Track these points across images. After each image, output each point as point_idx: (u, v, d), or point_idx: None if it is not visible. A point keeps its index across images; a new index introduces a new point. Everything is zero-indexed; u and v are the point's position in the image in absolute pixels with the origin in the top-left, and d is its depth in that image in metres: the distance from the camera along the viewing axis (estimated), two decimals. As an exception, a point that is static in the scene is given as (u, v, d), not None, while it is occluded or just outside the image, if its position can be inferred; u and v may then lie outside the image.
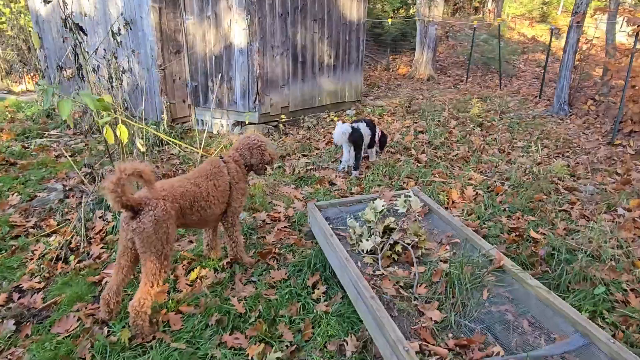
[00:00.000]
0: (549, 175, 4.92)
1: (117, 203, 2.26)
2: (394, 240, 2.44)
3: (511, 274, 2.24)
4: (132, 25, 6.62)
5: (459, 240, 2.60)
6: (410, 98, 9.68)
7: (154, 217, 2.38)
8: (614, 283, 2.99)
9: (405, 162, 5.31)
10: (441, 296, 2.12)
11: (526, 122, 7.40)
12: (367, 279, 2.21)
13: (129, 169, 2.23)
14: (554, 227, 3.82)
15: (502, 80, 12.51)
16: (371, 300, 1.95)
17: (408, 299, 2.11)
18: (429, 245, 2.56)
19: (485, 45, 15.97)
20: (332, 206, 3.09)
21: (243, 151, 3.07)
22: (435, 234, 2.80)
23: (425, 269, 2.34)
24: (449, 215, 2.85)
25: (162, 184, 2.61)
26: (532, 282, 2.12)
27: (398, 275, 2.28)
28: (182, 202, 2.60)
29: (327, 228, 2.66)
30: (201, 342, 2.45)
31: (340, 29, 7.62)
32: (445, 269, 2.23)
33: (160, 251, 2.44)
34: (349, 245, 2.64)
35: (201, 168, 2.90)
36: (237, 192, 3.00)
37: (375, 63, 17.09)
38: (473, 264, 2.26)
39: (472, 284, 2.16)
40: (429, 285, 2.21)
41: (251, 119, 6.43)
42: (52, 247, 3.45)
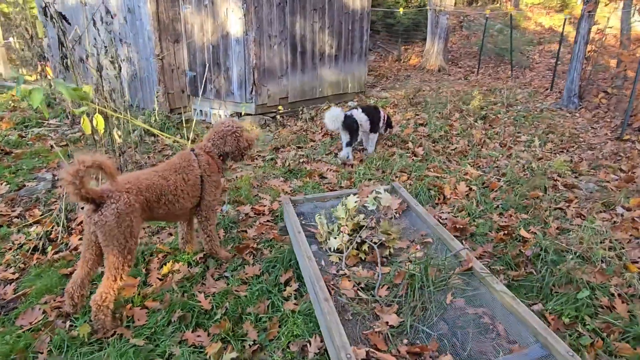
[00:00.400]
0: (548, 171, 4.74)
1: (75, 195, 2.21)
2: (361, 238, 2.34)
3: (479, 278, 2.12)
4: (131, 14, 6.59)
5: (432, 240, 2.49)
6: (417, 90, 9.47)
7: (117, 210, 2.33)
8: (602, 287, 2.84)
9: (400, 155, 5.17)
10: (402, 299, 2.02)
11: (533, 116, 7.16)
12: (328, 279, 2.12)
13: (87, 161, 2.17)
14: (546, 226, 3.66)
15: (515, 71, 12.16)
16: (324, 303, 1.86)
17: (367, 301, 2.01)
18: (399, 245, 2.46)
19: (500, 36, 15.57)
20: (308, 201, 3.00)
21: (216, 140, 2.98)
22: (410, 233, 2.69)
23: (390, 269, 2.24)
24: (426, 213, 2.73)
25: (127, 177, 2.55)
26: (498, 287, 2.00)
27: (361, 275, 2.19)
28: (147, 195, 2.54)
29: (296, 224, 2.57)
30: (162, 339, 2.40)
31: (342, 19, 7.46)
32: (410, 270, 2.12)
33: (123, 245, 2.38)
34: (318, 243, 2.55)
35: (171, 161, 2.84)
36: (210, 185, 2.93)
37: (387, 54, 16.82)
38: (438, 265, 2.15)
39: (436, 287, 2.05)
40: (392, 287, 2.11)
41: (248, 110, 6.35)
42: (31, 237, 3.44)
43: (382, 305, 2.01)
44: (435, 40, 13.54)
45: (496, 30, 15.76)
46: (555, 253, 3.15)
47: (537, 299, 2.80)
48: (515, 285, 2.92)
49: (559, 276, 2.90)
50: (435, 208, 4.02)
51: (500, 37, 15.20)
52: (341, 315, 1.83)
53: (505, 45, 14.21)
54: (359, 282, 2.13)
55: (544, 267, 3.00)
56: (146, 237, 3.50)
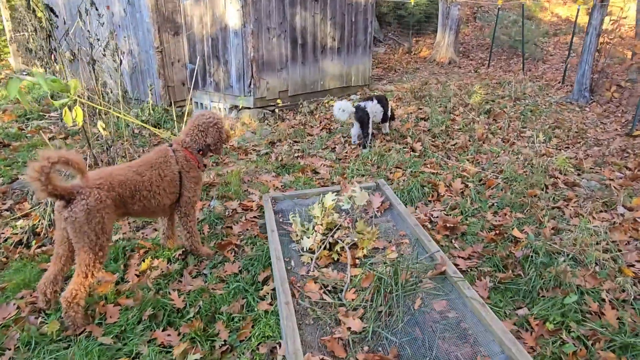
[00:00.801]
0: (550, 168, 4.57)
1: (41, 192, 2.17)
2: (333, 239, 2.26)
3: (452, 282, 2.02)
4: (131, 6, 6.56)
5: (408, 241, 2.39)
6: (424, 83, 9.29)
7: (87, 206, 2.29)
8: (593, 291, 2.72)
9: (397, 150, 5.06)
10: (368, 303, 1.94)
11: (541, 110, 6.94)
12: (295, 280, 2.05)
13: (53, 157, 2.13)
14: (541, 226, 3.52)
15: (528, 64, 11.86)
16: (284, 306, 1.79)
17: (331, 305, 1.94)
18: (375, 245, 2.37)
19: (514, 27, 15.16)
20: (288, 198, 2.93)
21: (195, 134, 2.92)
22: (391, 232, 2.60)
23: (360, 271, 2.15)
24: (406, 213, 2.63)
25: (100, 172, 2.51)
26: (468, 293, 1.90)
27: (330, 277, 2.11)
28: (120, 191, 2.49)
29: (271, 222, 2.50)
30: (130, 338, 2.37)
31: (345, 10, 7.31)
32: (379, 272, 2.04)
33: (94, 242, 2.35)
34: (293, 242, 2.47)
35: (147, 156, 2.79)
36: (188, 181, 2.88)
37: (397, 46, 16.56)
38: (410, 268, 2.05)
39: (405, 291, 1.97)
40: (359, 291, 2.03)
41: (246, 103, 6.29)
42: (17, 231, 3.44)
43: (348, 310, 1.93)
44: (445, 32, 13.27)
45: (511, 21, 15.35)
46: (547, 255, 3.03)
47: (524, 303, 2.70)
48: (502, 288, 2.81)
49: (548, 279, 2.78)
50: (427, 205, 3.91)
51: (514, 28, 14.80)
52: (302, 319, 1.75)
53: (519, 36, 13.85)
54: (326, 285, 2.05)
55: (533, 269, 2.88)
56: (130, 232, 3.48)
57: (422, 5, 17.16)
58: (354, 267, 2.23)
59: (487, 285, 2.78)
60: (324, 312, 1.88)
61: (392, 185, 4.17)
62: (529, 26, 15.51)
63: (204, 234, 3.43)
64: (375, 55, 14.95)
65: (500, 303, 2.67)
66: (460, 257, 3.16)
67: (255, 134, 5.80)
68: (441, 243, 3.33)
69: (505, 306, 2.66)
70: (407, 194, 3.98)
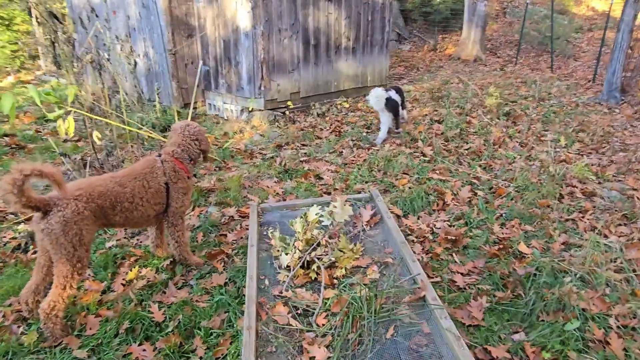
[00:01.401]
0: (568, 176, 4.30)
1: (15, 204, 2.16)
2: (310, 257, 2.15)
3: (430, 309, 1.88)
4: (145, 9, 6.62)
5: (391, 260, 2.25)
6: (444, 82, 9.01)
7: (63, 218, 2.27)
8: (599, 317, 2.50)
9: (405, 155, 4.88)
10: (337, 330, 1.82)
11: (566, 111, 6.58)
12: (265, 302, 1.95)
13: (26, 170, 2.11)
14: (550, 240, 3.30)
15: (558, 61, 11.34)
16: (245, 331, 1.70)
17: (299, 330, 1.83)
18: (357, 264, 2.24)
19: (545, 23, 14.53)
20: (278, 209, 2.83)
21: (187, 144, 2.88)
22: (376, 249, 2.46)
23: (335, 294, 2.03)
24: (395, 228, 2.49)
25: (80, 183, 2.48)
26: (445, 324, 1.75)
27: (303, 298, 2.00)
28: (100, 202, 2.46)
29: (252, 235, 2.42)
30: (106, 351, 2.33)
31: (360, 9, 7.15)
32: (352, 296, 1.91)
33: (71, 253, 2.32)
34: (273, 258, 2.38)
35: (132, 167, 2.76)
36: (176, 192, 2.83)
37: (423, 43, 16.19)
38: (384, 293, 1.92)
39: (379, 318, 1.84)
40: (330, 316, 1.91)
41: (256, 105, 6.23)
42: (17, 235, 3.49)
43: (316, 336, 1.82)
44: (471, 29, 12.85)
45: (541, 16, 14.73)
46: (551, 274, 2.81)
47: (521, 327, 2.51)
48: (499, 309, 2.63)
49: (551, 301, 2.58)
50: (431, 215, 3.74)
51: (545, 24, 14.20)
52: (264, 346, 1.66)
53: (550, 32, 13.27)
54: (297, 307, 1.94)
55: (535, 289, 2.68)
56: (125, 239, 3.47)
57: (449, 1, 16.71)
58: (332, 287, 2.11)
59: (483, 306, 2.60)
60: (290, 339, 1.78)
61: (393, 194, 4.02)
62: (562, 21, 14.84)
63: (197, 242, 3.38)
64: (399, 53, 14.65)
65: (496, 326, 2.50)
66: (459, 272, 2.99)
67: (264, 136, 5.74)
68: (441, 257, 3.17)
69: (501, 330, 2.48)
70: (409, 203, 3.82)
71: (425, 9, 16.93)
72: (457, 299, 2.72)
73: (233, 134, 5.88)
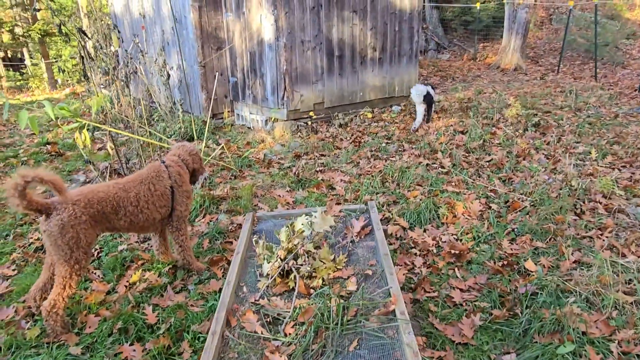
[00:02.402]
0: (592, 190, 4.07)
1: (17, 207, 2.33)
2: (288, 266, 2.16)
3: (399, 323, 1.84)
4: (178, 24, 6.94)
5: (371, 272, 2.23)
6: (478, 92, 8.79)
7: (60, 221, 2.43)
8: (600, 341, 2.35)
9: (421, 166, 4.80)
10: (302, 339, 1.82)
11: (603, 123, 6.23)
12: (237, 308, 1.99)
13: (28, 176, 2.28)
14: (561, 258, 3.13)
15: (604, 69, 10.77)
16: (210, 336, 1.74)
17: (264, 339, 1.85)
18: (338, 275, 2.24)
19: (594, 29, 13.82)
20: (273, 218, 2.88)
21: (184, 156, 3.03)
22: (362, 261, 2.44)
23: (306, 303, 2.04)
24: (381, 240, 2.46)
25: (82, 189, 2.64)
26: (406, 339, 1.71)
27: (276, 307, 2.02)
28: (100, 207, 2.60)
29: (240, 243, 2.47)
30: (99, 350, 2.45)
31: (387, 20, 7.14)
32: (319, 306, 1.91)
33: (68, 255, 2.47)
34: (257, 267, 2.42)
35: (138, 173, 2.90)
36: (180, 196, 2.95)
37: (463, 52, 15.88)
38: (352, 304, 1.90)
39: (345, 329, 1.82)
40: (298, 325, 1.92)
41: (279, 116, 6.35)
42: (41, 236, 3.74)
43: (282, 345, 1.83)
44: (512, 37, 12.47)
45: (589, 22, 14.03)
46: (554, 293, 2.68)
47: (514, 348, 2.40)
48: (493, 328, 2.53)
49: (548, 321, 2.45)
50: (438, 228, 3.66)
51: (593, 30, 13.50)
52: (225, 352, 1.69)
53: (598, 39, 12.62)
54: (268, 315, 1.97)
55: (533, 308, 2.56)
56: (136, 243, 3.63)
57: (490, 9, 16.31)
58: (308, 297, 2.12)
59: (474, 324, 2.52)
60: (254, 346, 1.80)
61: (402, 205, 3.96)
62: (612, 27, 14.08)
63: (202, 248, 3.49)
64: (437, 63, 14.44)
65: (486, 345, 2.41)
66: (459, 288, 2.91)
67: (284, 146, 5.83)
68: (442, 271, 3.10)
69: (491, 350, 2.39)
70: (417, 216, 3.75)
71: (466, 17, 16.60)
72: (450, 315, 2.65)
73: (256, 144, 6.02)
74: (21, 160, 5.68)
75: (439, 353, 2.31)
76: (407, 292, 2.82)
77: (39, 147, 6.19)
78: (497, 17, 15.95)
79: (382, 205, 4.01)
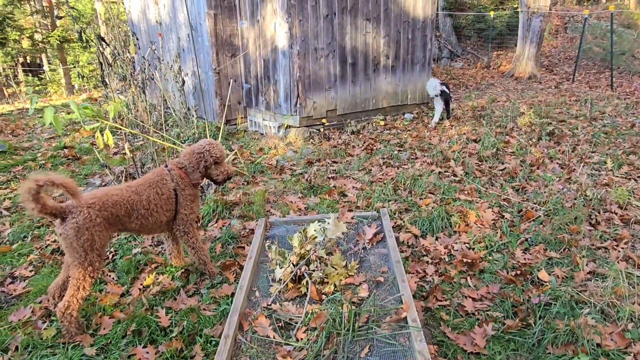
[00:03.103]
0: (607, 201, 4.02)
1: (32, 210, 2.38)
2: (300, 271, 2.18)
3: (411, 330, 1.84)
4: (194, 31, 7.05)
5: (382, 279, 2.23)
6: (491, 100, 8.76)
7: (75, 224, 2.48)
8: (616, 354, 2.32)
9: (431, 174, 4.79)
10: (314, 345, 1.83)
11: (619, 132, 6.16)
12: (250, 312, 2.01)
13: (41, 180, 2.33)
14: (576, 269, 3.10)
15: (620, 78, 10.64)
16: (222, 340, 1.76)
17: (276, 343, 1.86)
18: (350, 281, 2.25)
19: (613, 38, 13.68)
20: (285, 224, 2.90)
21: (186, 159, 3.00)
22: (374, 267, 2.45)
23: (318, 308, 2.05)
24: (393, 247, 2.47)
25: (96, 192, 2.69)
26: (418, 346, 1.71)
27: (288, 312, 2.04)
28: (114, 210, 2.65)
29: (253, 248, 2.50)
30: (113, 351, 2.49)
31: (400, 28, 7.17)
32: (332, 312, 1.92)
33: (83, 257, 2.52)
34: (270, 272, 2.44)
35: (145, 176, 2.95)
36: (183, 199, 2.98)
37: (476, 60, 15.84)
38: (363, 311, 1.91)
39: (356, 336, 1.83)
40: (309, 331, 1.93)
41: (292, 122, 6.40)
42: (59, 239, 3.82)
43: (293, 350, 1.84)
44: (526, 45, 12.41)
45: (605, 31, 13.91)
46: (568, 304, 2.65)
47: (527, 358, 2.38)
48: (506, 338, 2.51)
49: (562, 332, 2.43)
50: (451, 237, 3.64)
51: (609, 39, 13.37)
52: (236, 356, 1.71)
53: (615, 48, 12.48)
54: (280, 320, 1.98)
55: (547, 319, 2.54)
56: (150, 247, 3.68)
57: (504, 16, 16.26)
58: (319, 303, 2.13)
59: (487, 334, 2.50)
60: (266, 351, 1.82)
61: (413, 213, 3.96)
62: (628, 36, 13.92)
63: (215, 253, 3.52)
64: (450, 71, 14.41)
65: (499, 355, 2.39)
66: (471, 297, 2.89)
67: (297, 152, 5.87)
68: (454, 279, 3.09)
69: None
70: (429, 223, 3.74)
71: (479, 25, 16.57)
72: (462, 324, 2.63)
73: (268, 150, 6.06)
74: (39, 163, 5.80)
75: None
76: (419, 300, 2.81)
77: (56, 150, 6.32)
78: (511, 25, 15.90)
79: (394, 212, 4.01)
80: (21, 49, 17.83)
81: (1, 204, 4.61)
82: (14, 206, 4.58)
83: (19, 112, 10.23)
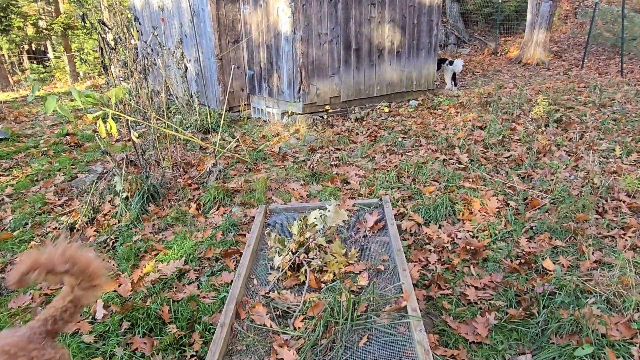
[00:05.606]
0: (616, 189, 3.94)
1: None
2: (299, 259, 2.14)
3: (411, 320, 1.80)
4: (196, 17, 6.95)
5: (383, 267, 2.19)
6: (498, 87, 8.62)
7: None
8: (621, 344, 2.27)
9: (435, 162, 4.72)
10: (311, 334, 1.79)
11: (629, 119, 6.03)
12: (247, 300, 1.98)
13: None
14: (581, 258, 3.04)
15: (631, 65, 10.43)
16: (218, 328, 1.73)
17: (273, 332, 1.83)
18: (350, 269, 2.20)
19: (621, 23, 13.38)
20: (285, 211, 2.86)
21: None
22: (375, 255, 2.40)
23: (316, 297, 2.01)
24: (394, 235, 2.42)
25: None
26: (417, 336, 1.67)
27: (285, 300, 2.00)
28: None
29: (252, 236, 2.46)
30: (111, 338, 2.48)
31: (405, 12, 7.02)
32: (330, 301, 1.88)
33: None
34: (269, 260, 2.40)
35: None
36: None
37: (483, 46, 15.59)
38: (363, 300, 1.87)
39: (355, 325, 1.79)
40: (307, 319, 1.89)
41: (295, 109, 6.32)
42: (59, 225, 3.81)
43: (291, 339, 1.81)
44: (534, 31, 12.17)
45: (616, 16, 13.59)
46: (572, 293, 2.59)
47: (529, 348, 2.34)
48: (508, 327, 2.47)
49: (566, 322, 2.38)
50: (454, 225, 3.59)
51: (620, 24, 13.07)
52: (233, 344, 1.68)
53: (626, 33, 12.20)
54: (277, 308, 1.95)
55: (551, 309, 2.49)
56: (151, 234, 3.66)
57: (514, 0, 15.94)
58: (319, 291, 2.10)
59: (489, 323, 2.46)
60: (262, 339, 1.79)
61: (417, 201, 3.90)
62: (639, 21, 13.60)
63: (216, 240, 3.49)
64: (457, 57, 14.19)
65: (501, 345, 2.35)
66: (474, 285, 2.85)
67: (300, 139, 5.81)
68: (457, 268, 3.04)
69: (506, 350, 2.33)
70: (432, 211, 3.69)
71: (487, 9, 16.27)
72: (464, 313, 2.59)
73: (271, 137, 6.01)
74: (41, 150, 5.79)
75: (452, 351, 2.26)
76: (421, 288, 2.77)
77: (58, 137, 6.30)
78: (519, 10, 15.60)
79: (397, 200, 3.95)
80: (25, 36, 17.77)
81: (3, 190, 4.61)
82: (16, 193, 4.57)
83: (22, 100, 10.22)
